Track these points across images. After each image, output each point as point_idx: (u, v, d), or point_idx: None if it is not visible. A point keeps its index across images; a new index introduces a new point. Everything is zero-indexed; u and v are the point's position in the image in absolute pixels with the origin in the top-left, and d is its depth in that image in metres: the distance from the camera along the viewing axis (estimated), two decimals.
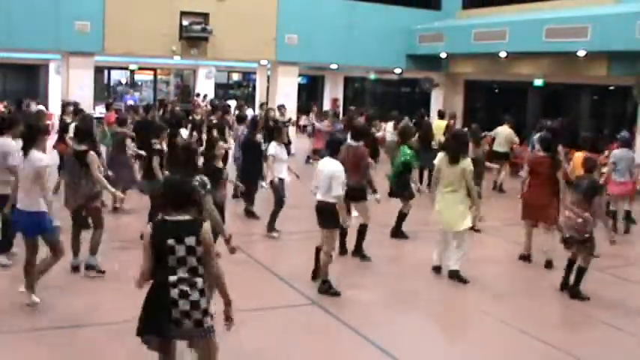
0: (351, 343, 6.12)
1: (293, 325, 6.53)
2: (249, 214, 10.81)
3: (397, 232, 9.94)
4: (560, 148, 11.17)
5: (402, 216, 9.87)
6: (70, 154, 7.73)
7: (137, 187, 10.36)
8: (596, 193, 7.44)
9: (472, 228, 8.63)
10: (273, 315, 6.74)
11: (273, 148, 9.81)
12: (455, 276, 7.90)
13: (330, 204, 7.18)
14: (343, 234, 8.44)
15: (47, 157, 6.75)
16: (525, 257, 8.89)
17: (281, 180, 9.87)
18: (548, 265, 8.55)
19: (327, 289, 7.25)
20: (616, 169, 10.42)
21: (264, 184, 10.55)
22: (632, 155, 10.61)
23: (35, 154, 6.40)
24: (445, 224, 7.98)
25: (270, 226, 9.73)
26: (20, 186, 6.45)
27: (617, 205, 10.78)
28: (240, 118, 12.97)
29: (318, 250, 7.59)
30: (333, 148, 7.61)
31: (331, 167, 7.25)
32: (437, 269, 8.15)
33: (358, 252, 8.73)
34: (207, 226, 4.33)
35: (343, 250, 8.71)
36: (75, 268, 7.50)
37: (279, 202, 9.78)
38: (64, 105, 13.61)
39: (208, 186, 6.05)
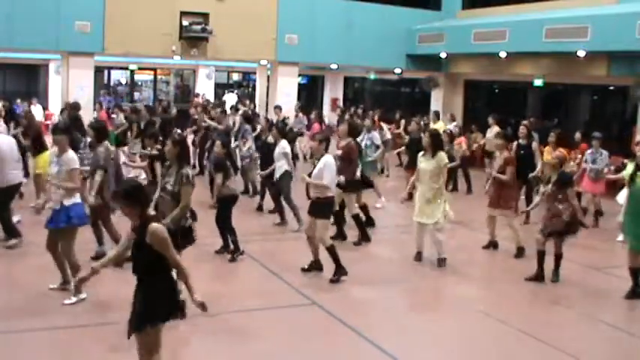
0: (351, 343, 6.12)
1: (293, 325, 6.53)
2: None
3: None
4: (535, 145, 11.52)
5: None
6: None
7: None
8: (570, 185, 8.01)
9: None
10: (273, 315, 6.74)
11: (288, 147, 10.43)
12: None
13: None
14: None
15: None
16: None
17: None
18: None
19: None
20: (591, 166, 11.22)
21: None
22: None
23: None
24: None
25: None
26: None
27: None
28: (248, 119, 13.63)
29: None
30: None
31: None
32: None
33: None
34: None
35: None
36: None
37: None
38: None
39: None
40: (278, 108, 17.53)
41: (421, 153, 8.70)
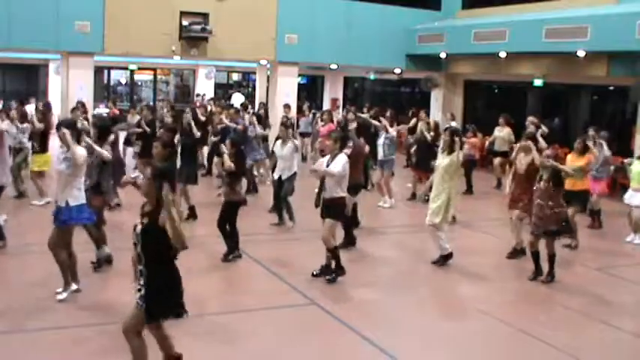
0: (351, 343, 6.12)
1: (293, 325, 6.53)
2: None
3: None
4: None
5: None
6: None
7: None
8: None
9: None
10: (273, 315, 6.74)
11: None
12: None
13: None
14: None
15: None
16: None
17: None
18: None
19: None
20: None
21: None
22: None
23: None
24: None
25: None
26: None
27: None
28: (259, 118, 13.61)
29: None
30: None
31: None
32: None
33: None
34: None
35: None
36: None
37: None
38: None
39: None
40: (287, 107, 17.31)
41: (440, 150, 8.67)
